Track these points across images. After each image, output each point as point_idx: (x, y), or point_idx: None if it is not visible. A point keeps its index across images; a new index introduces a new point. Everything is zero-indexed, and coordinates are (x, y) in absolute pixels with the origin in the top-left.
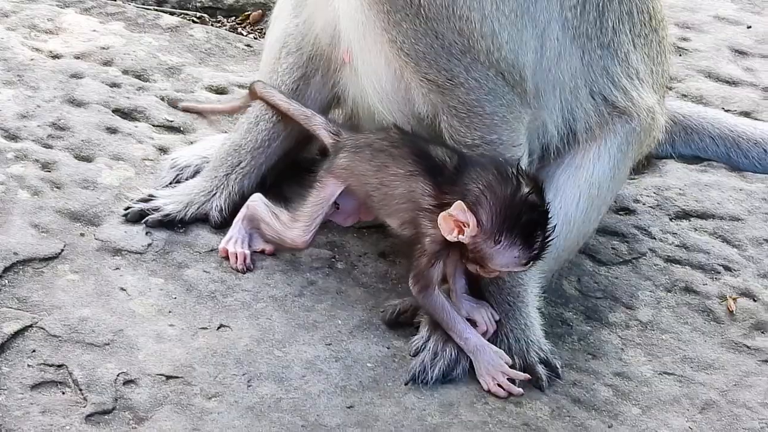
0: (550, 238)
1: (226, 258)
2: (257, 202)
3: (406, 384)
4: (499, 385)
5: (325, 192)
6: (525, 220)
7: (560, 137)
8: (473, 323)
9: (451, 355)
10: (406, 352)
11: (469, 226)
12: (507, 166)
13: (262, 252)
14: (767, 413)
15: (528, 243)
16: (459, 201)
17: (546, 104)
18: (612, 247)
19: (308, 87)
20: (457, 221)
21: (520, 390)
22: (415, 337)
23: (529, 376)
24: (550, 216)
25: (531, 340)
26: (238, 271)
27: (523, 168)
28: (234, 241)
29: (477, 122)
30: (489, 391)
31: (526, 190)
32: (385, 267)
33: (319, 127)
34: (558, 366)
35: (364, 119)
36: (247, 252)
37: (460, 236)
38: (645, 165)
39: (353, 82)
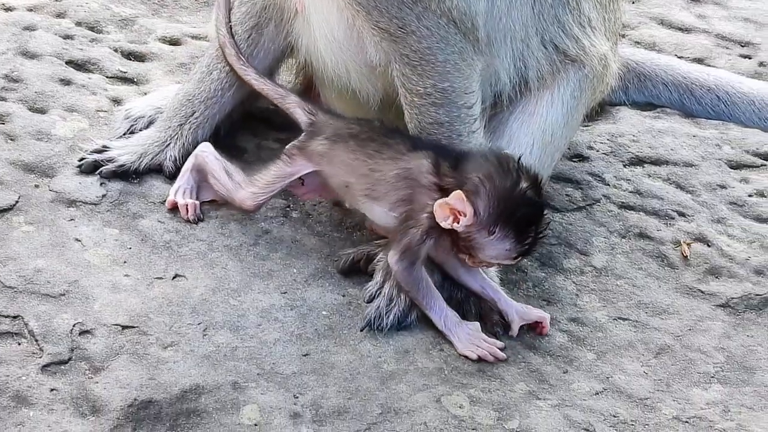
0: (542, 236)
1: (176, 209)
2: (207, 153)
3: (361, 331)
4: (478, 354)
5: (291, 169)
6: (521, 215)
7: (512, 85)
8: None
9: (405, 301)
10: (361, 299)
11: (465, 215)
12: (509, 159)
13: (213, 202)
14: (721, 357)
15: (521, 237)
16: (458, 190)
17: (498, 53)
18: (566, 194)
19: (261, 37)
20: (453, 209)
21: (504, 356)
22: (370, 283)
23: (502, 344)
24: (546, 213)
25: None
26: (189, 221)
27: (524, 163)
28: (183, 191)
29: (429, 70)
30: (475, 357)
31: (525, 184)
32: (339, 216)
33: (294, 105)
34: None
35: (317, 69)
36: (197, 202)
37: (455, 224)
38: (598, 112)
39: (306, 32)
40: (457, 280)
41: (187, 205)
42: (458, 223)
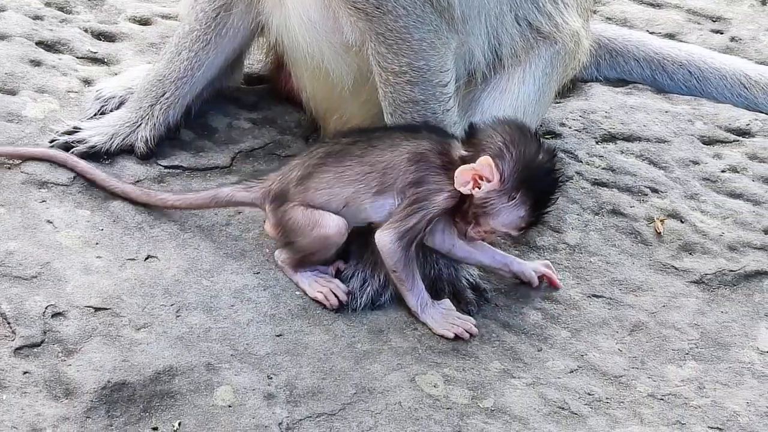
0: (551, 210)
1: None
2: None
3: (335, 312)
4: (455, 331)
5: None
6: (543, 182)
7: (486, 63)
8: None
9: (379, 281)
10: (332, 267)
11: (491, 180)
12: (529, 127)
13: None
14: (695, 334)
15: (536, 206)
16: (485, 156)
17: (472, 30)
18: None
19: (230, 16)
20: (476, 174)
21: (477, 330)
22: (343, 269)
23: (473, 320)
24: (561, 187)
25: (460, 266)
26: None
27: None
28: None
29: (405, 49)
30: (452, 335)
31: (546, 155)
32: None
33: (233, 195)
34: (486, 289)
35: (289, 49)
36: (336, 282)
37: (475, 190)
38: (570, 89)
39: (278, 12)
40: (453, 257)
41: (332, 292)
42: (479, 188)
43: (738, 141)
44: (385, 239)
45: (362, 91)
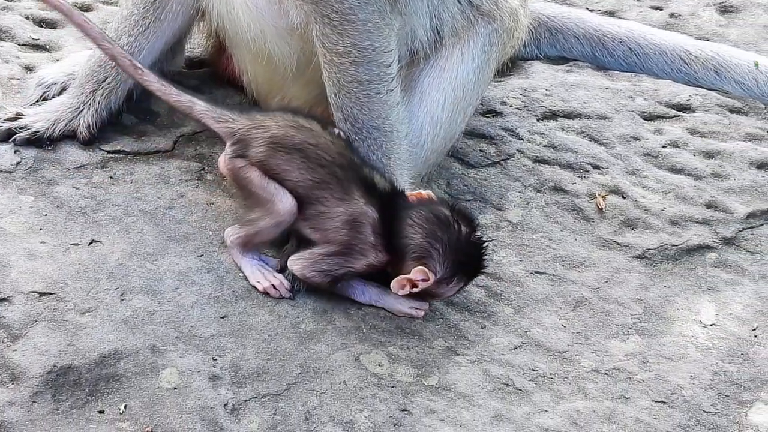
0: (485, 264)
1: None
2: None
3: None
4: (412, 312)
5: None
6: (472, 260)
7: (428, 41)
8: None
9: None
10: (277, 260)
11: (428, 280)
12: (443, 209)
13: (126, 162)
14: (638, 308)
15: (473, 274)
16: (418, 266)
17: (415, 10)
18: (480, 150)
19: (168, 1)
20: (411, 281)
21: (426, 305)
22: (287, 246)
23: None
24: (486, 245)
25: None
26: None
27: (453, 204)
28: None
29: (350, 29)
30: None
31: (465, 229)
32: None
33: (204, 115)
34: None
35: (231, 32)
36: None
37: (413, 290)
38: (510, 67)
39: None
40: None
41: (274, 286)
42: (417, 287)
43: (678, 116)
44: (297, 267)
45: (305, 73)
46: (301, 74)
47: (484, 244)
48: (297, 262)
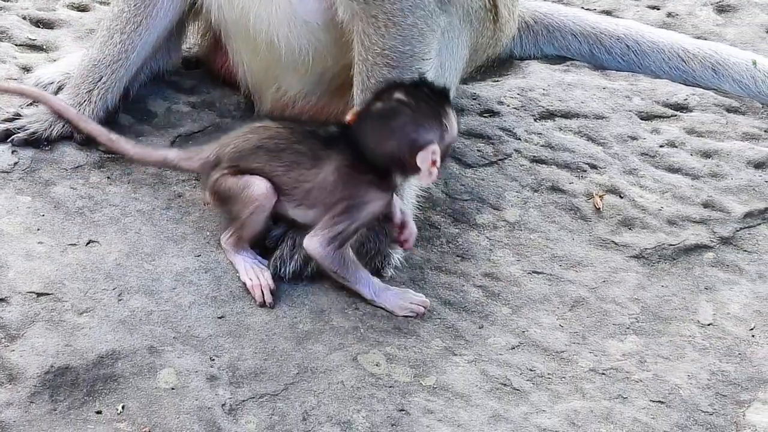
0: (438, 85)
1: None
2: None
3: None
4: (414, 311)
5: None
6: (432, 104)
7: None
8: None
9: None
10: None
11: (435, 152)
12: (379, 101)
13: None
14: (636, 308)
15: (445, 103)
16: (419, 154)
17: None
18: (477, 149)
19: None
20: (430, 165)
21: (427, 301)
22: (273, 229)
23: (423, 296)
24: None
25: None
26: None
27: (384, 89)
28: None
29: (394, 32)
30: (414, 315)
31: (400, 94)
32: None
33: (179, 160)
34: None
35: (229, 24)
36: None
37: (437, 164)
38: (508, 67)
39: None
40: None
41: (260, 286)
42: (437, 160)
43: (676, 116)
44: (313, 245)
45: (306, 65)
46: (302, 65)
47: (427, 84)
48: (312, 240)
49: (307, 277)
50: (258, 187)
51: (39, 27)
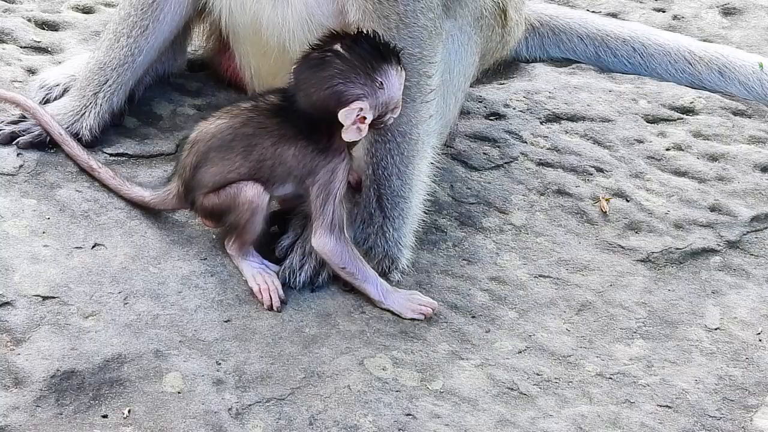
0: (381, 39)
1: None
2: None
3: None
4: (422, 313)
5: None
6: (365, 56)
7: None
8: None
9: (317, 258)
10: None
11: (362, 108)
12: (309, 57)
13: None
14: (643, 312)
15: (386, 58)
16: (338, 113)
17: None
18: (484, 153)
19: (167, 0)
20: (355, 121)
21: (435, 303)
22: (282, 237)
23: (430, 299)
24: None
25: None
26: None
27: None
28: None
29: (404, 33)
30: (422, 317)
31: (336, 46)
32: None
33: (157, 201)
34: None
35: (239, 28)
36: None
37: (366, 121)
38: (513, 69)
39: None
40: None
41: (268, 291)
42: (366, 118)
43: (682, 119)
44: (321, 242)
45: None
46: None
47: (355, 37)
48: (317, 240)
49: (318, 287)
50: (248, 189)
51: (44, 29)
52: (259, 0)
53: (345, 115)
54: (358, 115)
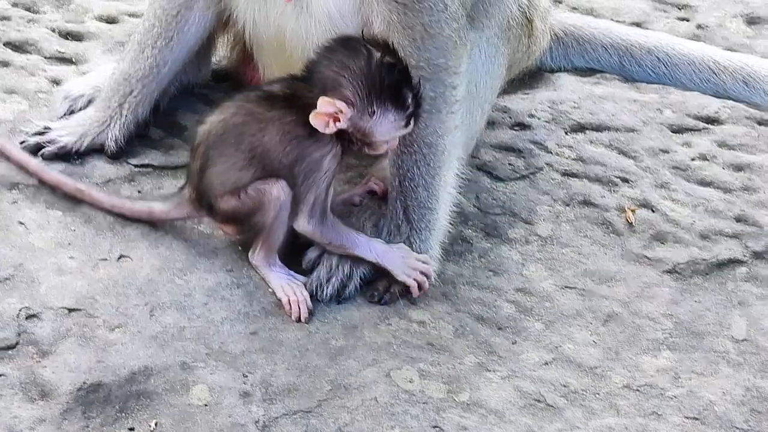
0: (419, 92)
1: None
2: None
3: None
4: (415, 279)
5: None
6: (389, 83)
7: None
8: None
9: (344, 270)
10: (306, 275)
11: (342, 111)
12: (351, 40)
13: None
14: (669, 323)
15: (400, 104)
16: (321, 97)
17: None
18: (509, 163)
19: (191, 12)
20: (328, 115)
21: (430, 267)
22: (309, 250)
23: (429, 259)
24: (410, 70)
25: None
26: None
27: (366, 34)
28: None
29: (429, 44)
30: (417, 286)
31: (378, 54)
32: None
33: (166, 211)
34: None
35: (263, 40)
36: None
37: (338, 124)
38: (538, 79)
39: (255, 4)
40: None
41: (297, 302)
42: (340, 121)
43: (707, 129)
44: (302, 226)
45: None
46: None
47: (400, 65)
48: (298, 223)
49: (345, 299)
50: (271, 186)
51: (68, 39)
52: (283, 12)
53: (323, 102)
54: (334, 112)
